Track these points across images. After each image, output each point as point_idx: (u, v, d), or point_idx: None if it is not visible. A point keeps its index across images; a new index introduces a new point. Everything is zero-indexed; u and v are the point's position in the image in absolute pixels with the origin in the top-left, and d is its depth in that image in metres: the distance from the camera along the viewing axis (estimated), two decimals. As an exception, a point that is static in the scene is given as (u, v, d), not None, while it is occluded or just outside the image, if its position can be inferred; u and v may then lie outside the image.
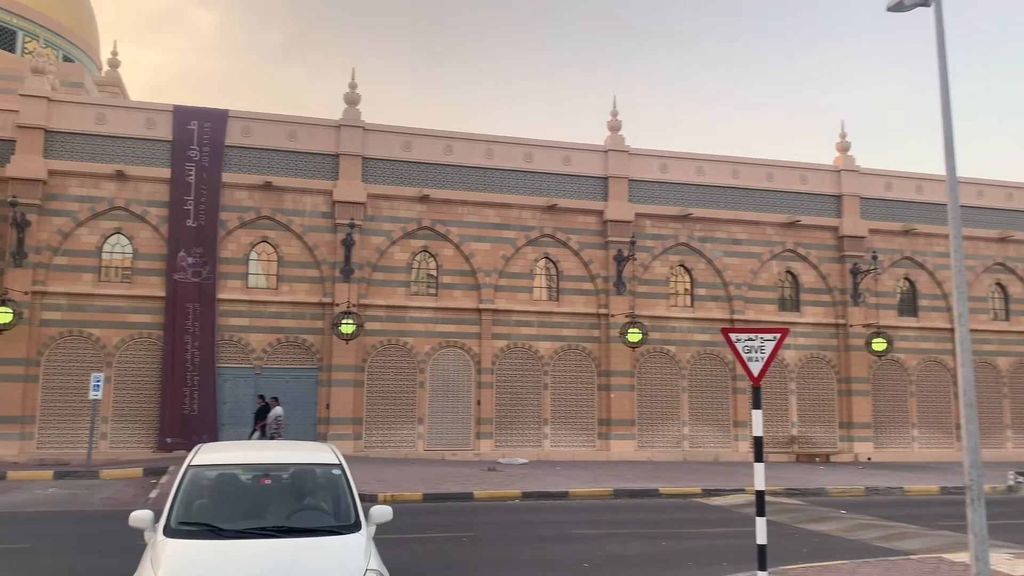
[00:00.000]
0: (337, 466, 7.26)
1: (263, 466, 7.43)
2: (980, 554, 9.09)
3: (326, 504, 7.01)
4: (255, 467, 7.40)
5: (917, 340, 30.33)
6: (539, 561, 11.40)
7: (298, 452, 8.14)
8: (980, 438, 27.75)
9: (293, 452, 8.21)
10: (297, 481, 7.31)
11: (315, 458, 7.54)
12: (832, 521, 15.31)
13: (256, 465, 7.45)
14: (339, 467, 7.25)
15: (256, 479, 7.25)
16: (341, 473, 7.17)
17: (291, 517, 6.74)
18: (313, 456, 7.65)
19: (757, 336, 9.66)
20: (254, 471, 7.32)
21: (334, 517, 6.78)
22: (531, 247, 27.48)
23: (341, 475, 7.15)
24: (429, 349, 26.14)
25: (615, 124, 28.81)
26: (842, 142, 30.87)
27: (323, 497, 7.10)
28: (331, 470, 7.24)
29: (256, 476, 7.27)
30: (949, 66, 10.46)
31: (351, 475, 7.22)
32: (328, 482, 7.18)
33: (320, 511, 6.93)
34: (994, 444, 30.21)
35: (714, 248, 28.80)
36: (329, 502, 7.02)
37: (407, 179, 26.53)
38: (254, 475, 7.28)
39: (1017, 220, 32.00)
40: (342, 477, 7.13)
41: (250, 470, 7.34)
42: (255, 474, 7.29)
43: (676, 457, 27.35)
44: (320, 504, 7.04)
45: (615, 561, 11.44)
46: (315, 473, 7.32)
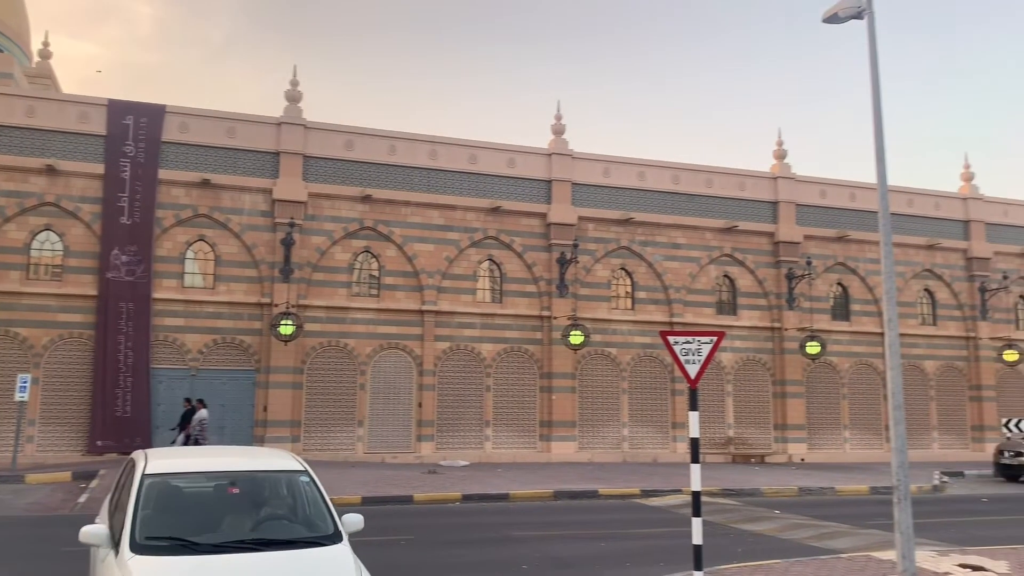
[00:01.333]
0: (304, 473, 6.92)
1: (228, 474, 6.89)
2: (906, 552, 9.38)
3: (299, 514, 6.67)
4: (219, 475, 6.89)
5: (849, 344, 31.18)
6: (478, 563, 11.38)
7: (259, 459, 7.63)
8: (908, 439, 28.78)
9: (254, 459, 7.69)
10: (266, 490, 6.91)
11: (279, 465, 7.13)
12: (767, 521, 15.62)
13: (220, 473, 6.93)
14: (307, 474, 6.91)
15: (222, 488, 6.77)
16: (310, 480, 6.84)
17: (266, 528, 6.36)
18: (276, 463, 7.22)
19: (694, 339, 9.82)
20: (219, 479, 6.84)
21: (311, 527, 6.43)
22: (475, 249, 27.46)
23: (310, 482, 6.82)
24: (370, 351, 25.92)
25: (559, 128, 28.99)
26: (779, 150, 31.57)
27: (295, 506, 6.75)
28: (299, 477, 6.88)
29: (222, 485, 6.79)
30: (881, 77, 10.77)
31: (320, 482, 6.91)
32: (298, 490, 6.83)
33: (295, 521, 6.59)
34: (922, 445, 31.22)
35: (655, 252, 29.18)
36: (302, 511, 6.67)
37: (349, 178, 26.27)
38: (219, 484, 6.81)
39: (945, 228, 33.14)
40: (312, 484, 6.79)
41: (214, 478, 6.86)
42: (220, 483, 6.81)
43: (616, 458, 27.62)
44: (293, 514, 6.69)
45: (554, 562, 11.49)
46: (283, 481, 6.93)
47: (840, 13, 11.12)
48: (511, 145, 28.30)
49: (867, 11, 10.90)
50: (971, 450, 31.89)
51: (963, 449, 32.00)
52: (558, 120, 29.11)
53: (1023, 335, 33.45)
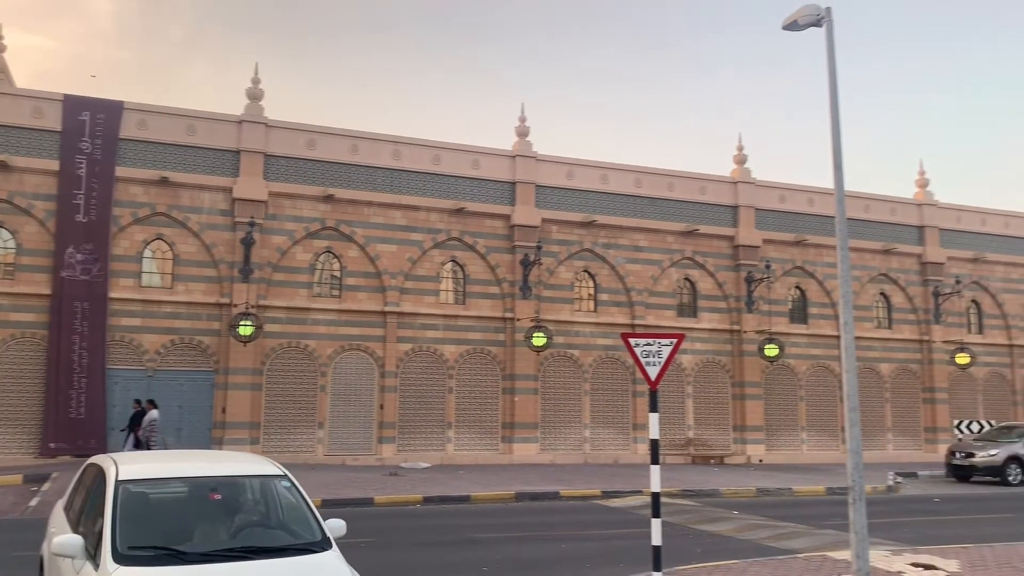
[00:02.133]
0: (284, 477, 6.73)
1: (207, 479, 6.64)
2: (860, 552, 9.55)
3: (284, 520, 6.48)
4: (198, 481, 6.63)
5: (807, 346, 31.65)
6: (439, 566, 11.35)
7: (235, 463, 7.33)
8: (864, 440, 29.01)
9: (230, 463, 7.38)
10: (247, 495, 6.69)
11: (257, 469, 6.90)
12: (725, 522, 15.79)
13: (199, 479, 6.67)
14: (287, 478, 6.72)
15: (202, 494, 6.51)
16: (291, 485, 6.65)
17: (252, 536, 6.16)
18: (254, 467, 6.98)
19: (655, 341, 9.89)
20: (198, 485, 6.58)
21: (297, 534, 6.25)
22: (438, 250, 27.39)
23: (292, 487, 6.64)
24: (331, 352, 25.71)
25: (523, 130, 29.04)
26: (739, 155, 31.96)
27: (279, 512, 6.57)
28: (279, 482, 6.69)
29: (202, 491, 6.53)
30: (840, 84, 10.96)
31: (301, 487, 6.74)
32: (280, 495, 6.64)
33: (280, 528, 6.40)
34: (877, 446, 31.80)
35: (617, 255, 29.36)
36: (286, 517, 6.49)
37: (311, 178, 26.05)
38: (199, 490, 6.55)
39: (900, 233, 33.80)
40: (293, 489, 6.61)
41: (193, 484, 6.60)
42: (200, 488, 6.55)
43: (578, 459, 27.72)
44: (277, 520, 6.50)
45: (515, 564, 11.50)
46: (263, 486, 6.72)
47: (800, 20, 11.29)
48: (475, 146, 28.29)
49: (826, 19, 11.08)
50: (924, 451, 32.56)
51: (917, 450, 32.66)
52: (522, 122, 29.16)
53: (975, 339, 34.25)
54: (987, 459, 24.55)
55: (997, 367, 34.86)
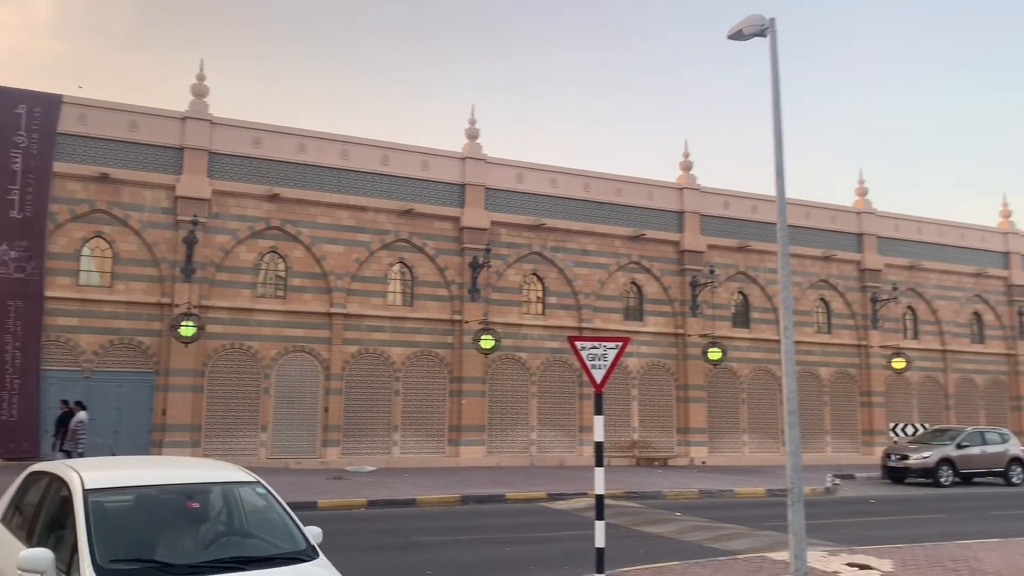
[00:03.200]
0: (258, 484, 6.45)
1: (181, 487, 6.29)
2: (798, 552, 9.76)
3: (264, 528, 6.22)
4: (172, 488, 6.25)
5: (749, 350, 32.23)
6: (382, 570, 11.27)
7: (204, 470, 6.96)
8: (803, 443, 29.63)
9: (200, 470, 7.00)
10: (223, 503, 6.39)
11: (229, 476, 6.58)
12: (668, 523, 15.98)
13: (173, 486, 6.29)
14: (261, 485, 6.44)
15: (178, 503, 6.14)
16: (267, 491, 6.39)
17: (236, 545, 5.93)
18: (224, 474, 6.65)
19: (600, 344, 9.97)
20: (172, 493, 6.20)
21: (281, 542, 6.00)
22: (386, 251, 27.21)
23: (267, 493, 6.37)
24: (275, 354, 25.35)
25: (473, 132, 29.03)
26: (685, 161, 32.42)
27: (257, 520, 6.29)
28: (254, 489, 6.41)
29: (177, 499, 6.16)
30: (782, 93, 11.19)
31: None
32: (256, 503, 6.37)
33: (262, 536, 6.14)
34: (816, 448, 32.52)
35: (565, 258, 29.53)
36: (266, 525, 6.23)
37: (256, 176, 25.66)
38: (174, 498, 6.17)
39: (840, 241, 34.65)
40: (269, 496, 6.35)
41: (166, 492, 6.19)
42: (174, 497, 6.18)
43: (524, 462, 27.79)
44: (258, 528, 6.24)
45: (459, 567, 11.48)
46: (239, 493, 6.42)
47: (744, 30, 11.52)
48: (425, 148, 28.19)
49: (770, 29, 11.33)
50: (861, 453, 33.41)
51: (854, 452, 33.48)
52: (472, 124, 29.16)
53: (910, 344, 35.27)
54: (920, 461, 25.29)
55: (931, 372, 35.94)
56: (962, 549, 12.65)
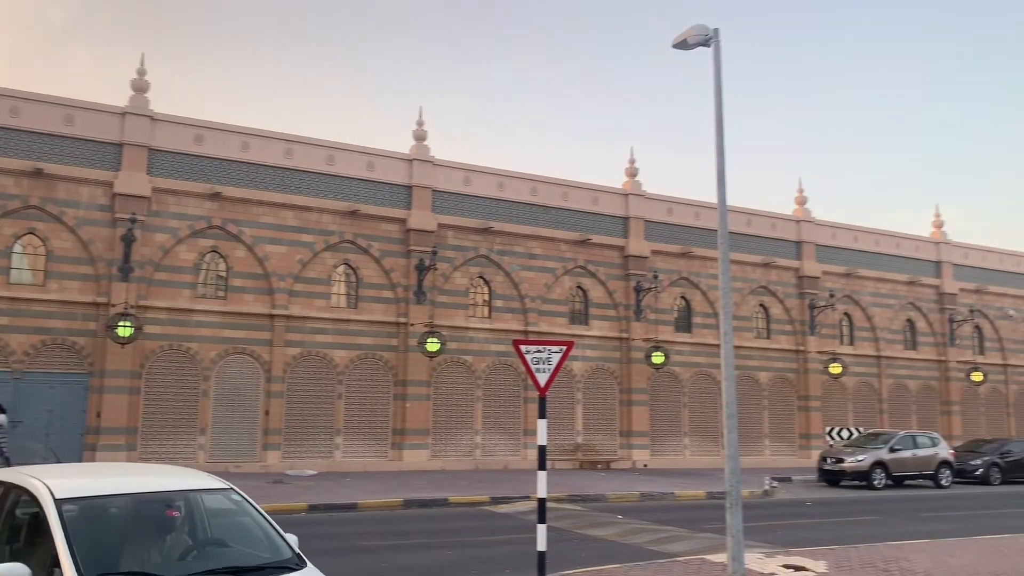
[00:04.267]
0: (231, 490, 6.20)
1: (158, 495, 6.01)
2: (736, 554, 9.92)
3: (246, 535, 6.00)
4: (147, 497, 5.95)
5: (691, 354, 32.70)
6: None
7: (174, 477, 6.65)
8: (742, 446, 30.17)
9: (171, 478, 6.65)
10: (205, 511, 6.13)
11: (201, 483, 6.32)
12: (610, 526, 16.10)
13: (148, 495, 5.98)
14: (236, 491, 6.20)
15: (157, 512, 5.90)
16: (242, 498, 6.16)
17: (221, 555, 5.73)
18: (196, 481, 6.40)
19: (545, 348, 10.01)
20: (149, 502, 5.93)
21: (265, 551, 5.78)
22: (330, 252, 26.92)
23: (243, 500, 6.14)
24: (215, 355, 24.87)
25: (420, 133, 28.91)
26: (631, 167, 32.77)
27: (239, 528, 6.06)
28: (228, 495, 6.16)
29: (155, 508, 5.91)
30: (725, 102, 11.39)
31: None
32: (233, 509, 6.13)
33: (245, 544, 5.91)
34: (755, 452, 33.13)
35: (512, 262, 29.58)
36: (247, 533, 6.01)
37: (198, 174, 25.16)
38: (151, 507, 5.92)
39: (780, 248, 35.38)
40: (245, 502, 6.13)
41: (142, 501, 5.90)
42: (152, 505, 5.92)
43: (468, 466, 27.73)
44: (241, 536, 6.01)
45: (400, 571, 11.40)
46: (219, 501, 6.17)
47: (689, 40, 11.71)
48: (371, 148, 27.97)
49: (714, 39, 11.53)
50: (799, 456, 34.13)
51: (792, 455, 34.20)
52: (420, 126, 29.04)
53: (846, 350, 36.18)
54: (855, 464, 25.93)
55: (866, 377, 36.91)
56: (893, 550, 13.01)
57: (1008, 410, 40.88)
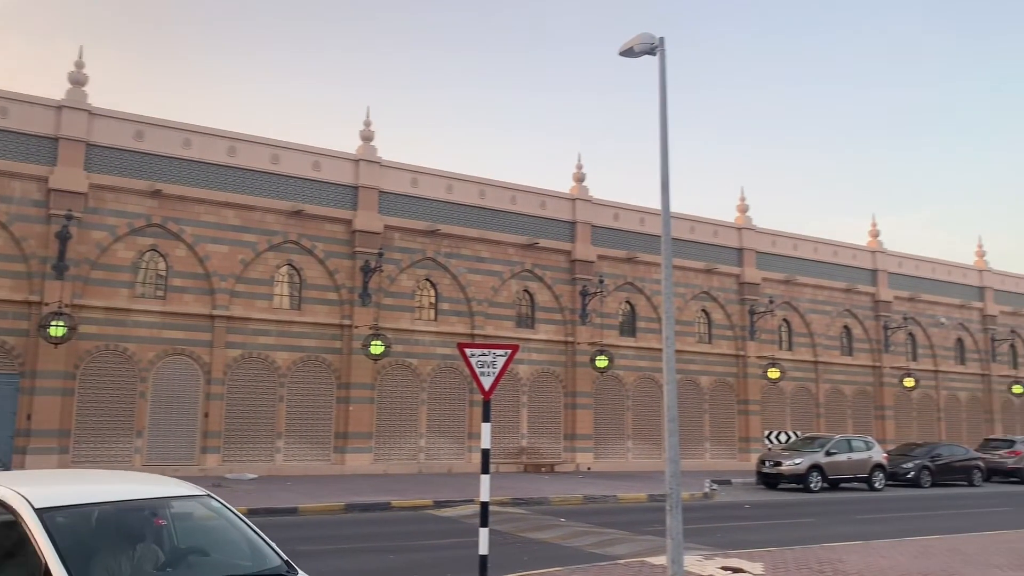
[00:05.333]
0: (210, 496, 5.95)
1: (137, 503, 5.71)
2: (676, 557, 10.05)
3: (232, 543, 5.77)
4: (130, 505, 5.66)
5: (635, 358, 33.05)
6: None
7: (149, 485, 6.29)
8: (683, 449, 30.56)
9: (147, 486, 6.28)
10: (190, 520, 5.90)
11: (180, 490, 6.02)
12: (552, 529, 16.17)
13: (130, 503, 5.68)
14: (214, 498, 5.96)
15: (143, 520, 5.63)
16: (221, 505, 5.93)
17: (213, 565, 5.49)
18: (173, 488, 6.08)
19: (490, 351, 10.02)
20: (133, 510, 5.65)
21: (253, 560, 5.58)
22: (273, 252, 26.53)
23: (223, 507, 5.92)
24: (153, 356, 24.31)
25: (368, 134, 28.68)
26: (578, 172, 33.01)
27: (225, 536, 5.83)
28: (210, 502, 5.90)
29: (140, 517, 5.65)
30: (669, 110, 11.54)
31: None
32: (213, 517, 5.89)
33: (232, 553, 5.69)
34: (695, 455, 33.62)
35: (459, 264, 29.53)
36: (231, 540, 5.77)
37: (137, 171, 24.57)
38: (136, 516, 5.64)
39: (721, 255, 36.00)
40: (225, 509, 5.92)
41: (126, 509, 5.61)
42: (137, 514, 5.65)
43: (412, 470, 27.58)
44: (226, 544, 5.78)
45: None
46: (198, 508, 5.92)
47: (636, 48, 11.84)
48: (317, 147, 27.65)
49: (659, 48, 11.68)
50: (738, 459, 34.73)
51: (731, 458, 34.78)
52: (367, 126, 28.81)
53: (785, 355, 36.95)
54: (792, 467, 26.48)
55: (803, 381, 37.75)
56: (827, 552, 13.33)
57: (939, 415, 42.22)
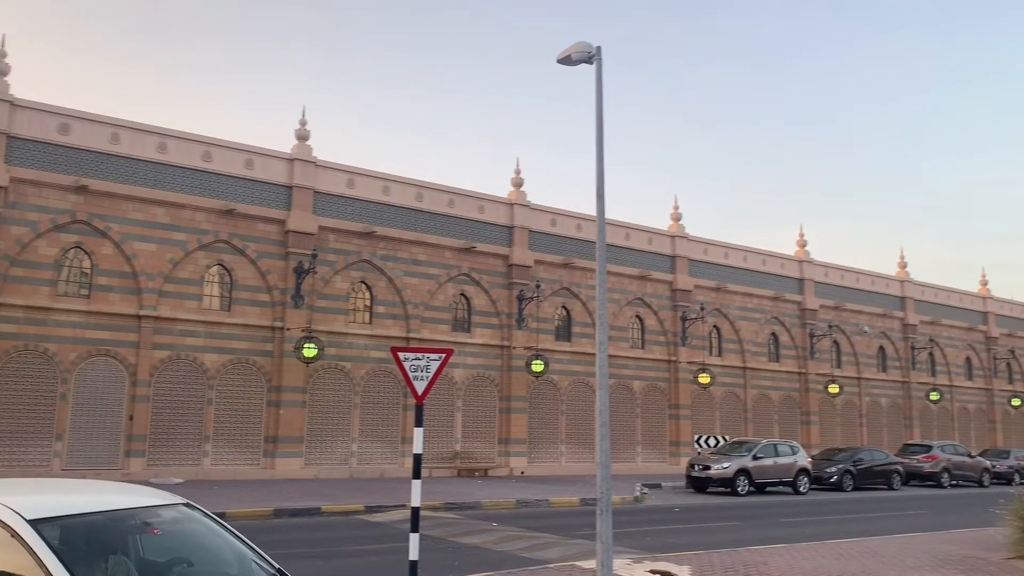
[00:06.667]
0: (189, 504, 5.71)
1: (127, 512, 5.40)
2: (605, 561, 10.14)
3: (221, 553, 5.54)
4: (122, 514, 5.36)
5: (569, 363, 33.30)
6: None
7: (127, 495, 5.87)
8: (615, 453, 30.98)
9: (121, 495, 5.87)
10: (183, 528, 5.64)
11: (162, 498, 5.76)
12: (484, 534, 16.16)
13: (122, 512, 5.38)
14: (194, 506, 5.72)
15: (138, 530, 5.37)
16: (203, 513, 5.71)
17: (216, 573, 5.30)
18: (156, 497, 5.79)
19: (424, 356, 9.95)
20: (126, 519, 5.35)
21: (240, 569, 5.36)
22: (204, 252, 25.95)
23: (204, 515, 5.70)
24: (75, 357, 23.52)
25: (303, 133, 28.30)
26: (516, 178, 33.13)
27: (214, 544, 5.59)
28: (190, 511, 5.66)
29: (134, 526, 5.38)
30: (605, 118, 11.68)
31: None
32: (200, 526, 5.66)
33: (224, 563, 5.47)
34: (627, 459, 34.02)
35: (395, 267, 29.34)
36: (217, 550, 5.55)
37: (62, 166, 23.78)
38: (130, 525, 5.35)
39: (655, 262, 36.55)
40: (207, 516, 5.70)
41: (117, 519, 5.30)
42: (131, 523, 5.36)
43: (343, 474, 27.26)
44: (215, 554, 5.55)
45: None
46: (186, 516, 5.67)
47: (573, 56, 11.96)
48: (251, 146, 27.16)
49: (596, 57, 11.82)
50: (669, 463, 35.27)
51: (663, 463, 35.31)
52: (303, 125, 28.42)
53: (715, 360, 37.71)
54: (721, 471, 26.99)
55: (732, 387, 38.56)
56: (753, 554, 13.61)
57: (861, 420, 43.60)
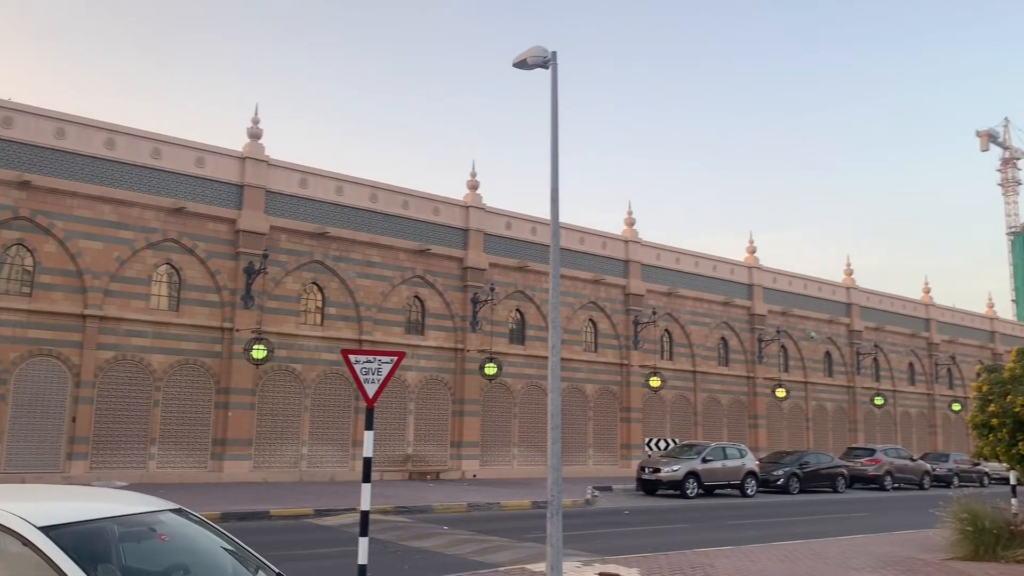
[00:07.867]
0: (183, 510, 5.58)
1: (132, 518, 5.29)
2: (555, 564, 10.18)
3: (214, 558, 5.41)
4: (129, 520, 5.25)
5: (523, 366, 33.37)
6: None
7: (120, 501, 5.73)
8: (567, 456, 31.12)
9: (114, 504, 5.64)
10: (184, 534, 5.50)
11: (156, 504, 5.64)
12: (435, 537, 16.10)
13: (127, 518, 5.25)
14: (188, 512, 5.61)
15: (145, 537, 5.29)
16: (199, 519, 5.60)
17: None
18: (151, 502, 5.70)
19: (375, 358, 9.89)
20: (130, 526, 5.24)
21: (237, 570, 5.23)
22: (152, 251, 25.44)
23: (200, 520, 5.59)
24: (16, 357, 22.87)
25: (256, 131, 27.92)
26: (472, 180, 33.13)
27: (215, 549, 5.47)
28: (183, 516, 5.53)
29: (142, 532, 5.30)
30: (561, 123, 11.75)
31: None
32: (197, 531, 5.53)
33: (217, 570, 5.32)
34: (579, 462, 34.19)
35: (348, 268, 29.10)
36: (213, 555, 5.41)
37: (4, 161, 23.11)
38: (138, 531, 5.27)
39: (609, 266, 36.83)
40: (203, 522, 5.59)
41: (126, 525, 5.18)
42: (139, 530, 5.28)
43: (293, 477, 26.94)
44: (212, 558, 5.42)
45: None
46: (185, 522, 5.55)
47: (529, 60, 12.02)
48: (201, 143, 26.72)
49: (552, 62, 11.89)
50: (620, 466, 35.54)
51: (614, 465, 35.56)
52: (255, 124, 28.04)
53: (666, 364, 38.12)
54: (670, 474, 27.27)
55: (683, 390, 39.01)
56: (700, 557, 13.79)
57: (808, 424, 44.43)
